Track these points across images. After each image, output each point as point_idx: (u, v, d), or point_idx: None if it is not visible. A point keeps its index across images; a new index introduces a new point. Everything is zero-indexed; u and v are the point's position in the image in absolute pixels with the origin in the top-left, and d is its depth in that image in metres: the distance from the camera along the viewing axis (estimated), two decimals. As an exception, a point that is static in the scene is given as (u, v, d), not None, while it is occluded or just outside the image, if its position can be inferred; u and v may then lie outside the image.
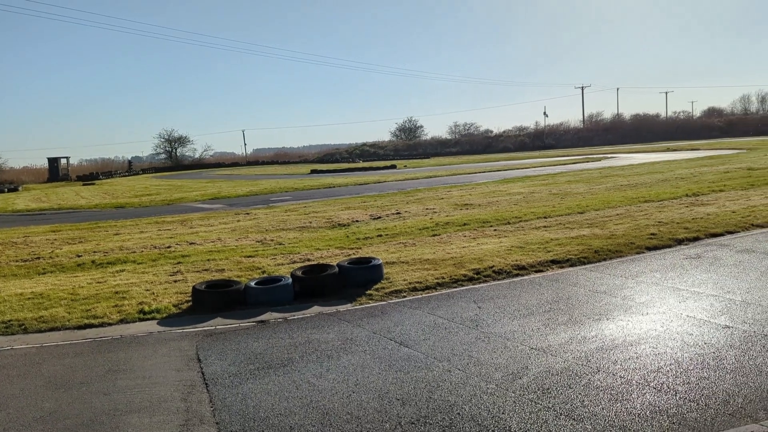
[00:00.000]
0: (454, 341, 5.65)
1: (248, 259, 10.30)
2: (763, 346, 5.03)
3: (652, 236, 9.96)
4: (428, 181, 29.31)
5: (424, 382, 4.69)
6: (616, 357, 5.00)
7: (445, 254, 9.66)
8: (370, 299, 7.41)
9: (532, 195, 18.36)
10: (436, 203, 17.77)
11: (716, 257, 8.42)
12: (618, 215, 12.67)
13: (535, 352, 5.24)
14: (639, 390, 4.32)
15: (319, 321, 6.66)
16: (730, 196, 14.73)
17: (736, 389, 4.25)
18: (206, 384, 4.98)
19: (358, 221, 14.70)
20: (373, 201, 20.04)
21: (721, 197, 14.54)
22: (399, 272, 8.58)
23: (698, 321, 5.79)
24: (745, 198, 14.09)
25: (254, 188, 31.02)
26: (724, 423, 3.78)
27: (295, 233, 13.33)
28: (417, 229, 12.75)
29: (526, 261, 8.77)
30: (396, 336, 5.92)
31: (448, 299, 7.21)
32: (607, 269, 8.21)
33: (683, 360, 4.85)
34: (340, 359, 5.36)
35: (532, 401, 4.24)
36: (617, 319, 6.00)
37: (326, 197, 23.25)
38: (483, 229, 12.18)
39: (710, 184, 17.83)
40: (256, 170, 72.56)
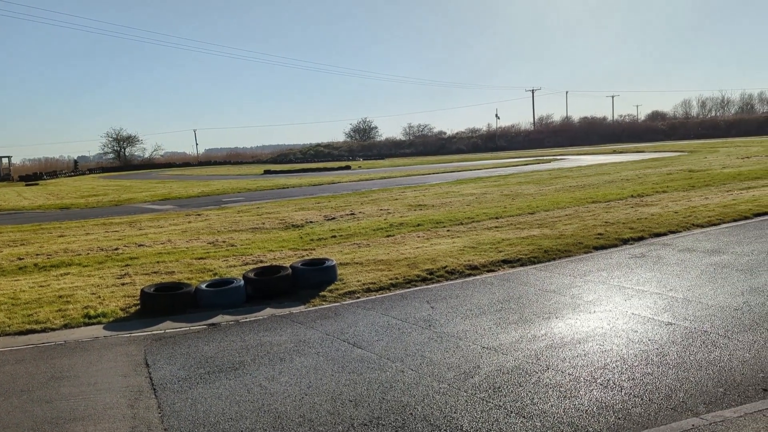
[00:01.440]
0: (408, 341, 5.68)
1: (199, 261, 10.10)
2: (703, 342, 5.23)
3: (599, 236, 10.23)
4: (383, 182, 29.38)
5: (377, 383, 4.69)
6: (564, 355, 5.11)
7: (399, 255, 9.69)
8: (324, 301, 7.38)
9: (485, 196, 18.62)
10: (391, 204, 17.83)
11: (659, 256, 8.72)
12: (567, 216, 12.97)
13: (486, 351, 5.31)
14: (586, 387, 4.43)
15: (271, 323, 6.59)
16: (673, 197, 15.28)
17: (678, 384, 4.40)
18: (154, 389, 4.86)
19: (312, 222, 14.62)
20: (327, 202, 19.96)
21: (664, 198, 15.06)
22: (353, 273, 8.56)
23: (643, 318, 5.97)
24: (686, 199, 14.63)
25: (206, 189, 30.48)
26: (667, 417, 3.91)
27: (247, 234, 13.15)
28: (371, 229, 12.76)
29: (479, 261, 8.88)
30: (349, 337, 5.91)
31: (402, 300, 7.24)
32: (556, 268, 8.39)
33: (628, 357, 4.99)
34: (293, 361, 5.31)
35: (484, 400, 4.29)
36: (566, 318, 6.14)
37: (280, 198, 23.03)
38: (436, 229, 12.28)
39: (654, 185, 18.45)
40: (209, 170, 71.32)
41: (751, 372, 4.53)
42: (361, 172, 42.52)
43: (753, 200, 13.52)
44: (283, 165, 71.95)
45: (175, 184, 38.95)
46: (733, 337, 5.29)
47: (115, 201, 25.98)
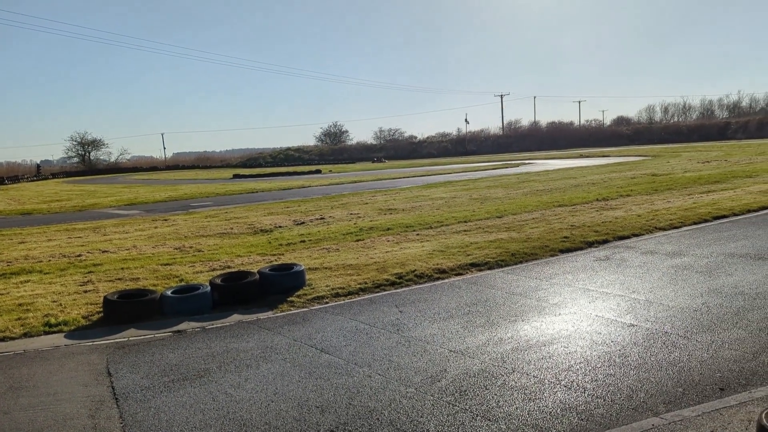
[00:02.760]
0: (376, 346, 5.68)
1: (165, 267, 9.95)
2: (663, 342, 5.35)
3: (565, 239, 10.39)
4: (353, 186, 29.36)
5: (344, 389, 4.68)
6: (530, 357, 5.17)
7: (368, 259, 9.69)
8: (292, 306, 7.34)
9: (454, 200, 18.75)
10: (361, 208, 17.83)
11: (623, 259, 8.89)
12: (534, 219, 13.14)
13: (453, 354, 5.34)
14: (551, 389, 4.49)
15: (238, 329, 6.52)
16: (636, 200, 15.60)
17: (639, 385, 4.49)
18: (116, 399, 4.77)
19: (281, 227, 14.53)
20: (296, 206, 19.87)
21: (628, 202, 15.37)
22: (322, 278, 8.54)
23: (606, 320, 6.08)
24: (649, 202, 14.96)
25: (173, 193, 30.08)
26: (628, 417, 3.99)
27: (215, 240, 13.01)
28: (341, 234, 12.74)
29: (447, 265, 8.93)
30: (317, 343, 5.88)
31: (371, 304, 7.24)
32: (523, 271, 8.49)
33: (592, 358, 5.08)
34: (259, 368, 5.27)
35: (450, 404, 4.32)
36: (532, 320, 6.21)
37: (249, 202, 22.85)
38: (406, 233, 12.32)
39: (618, 189, 18.81)
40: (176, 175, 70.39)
41: (709, 372, 4.65)
42: (331, 176, 42.44)
43: (712, 203, 13.89)
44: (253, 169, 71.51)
45: (142, 188, 38.33)
46: (692, 337, 5.42)
47: (79, 206, 25.43)
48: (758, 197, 14.58)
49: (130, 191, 35.46)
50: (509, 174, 32.04)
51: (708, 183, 19.10)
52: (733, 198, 14.76)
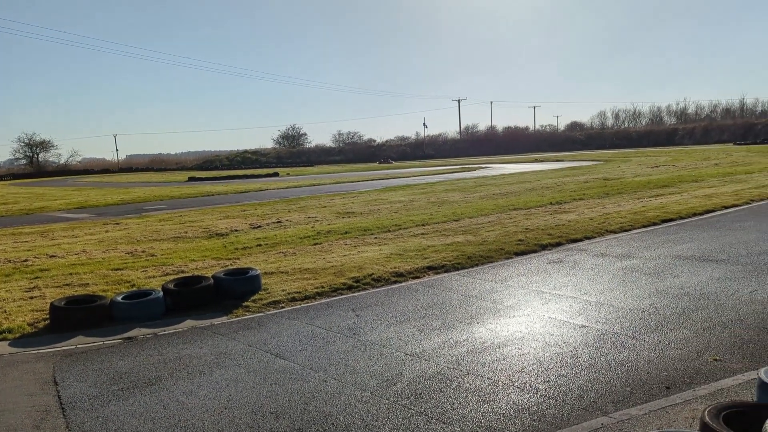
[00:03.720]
0: (331, 351, 5.65)
1: (116, 272, 9.70)
2: (613, 343, 5.48)
3: (520, 242, 10.56)
4: (311, 189, 29.22)
5: (299, 394, 4.64)
6: (484, 359, 5.23)
7: (325, 263, 9.65)
8: (247, 311, 7.24)
9: (412, 203, 18.85)
10: (319, 211, 17.75)
11: (575, 261, 9.09)
12: (490, 222, 13.31)
13: (409, 358, 5.36)
14: (504, 390, 4.55)
15: (191, 335, 6.40)
16: (589, 204, 15.99)
17: (589, 385, 4.59)
18: (63, 408, 4.61)
19: (237, 230, 14.34)
20: (253, 209, 19.64)
21: (581, 205, 15.73)
22: (278, 282, 8.46)
23: (559, 322, 6.20)
24: (601, 206, 15.34)
25: (126, 196, 29.35)
26: (579, 417, 4.07)
27: (169, 244, 12.74)
28: (298, 237, 12.65)
29: (405, 268, 8.96)
30: (272, 348, 5.82)
31: (327, 308, 7.20)
32: (479, 274, 8.59)
33: (545, 359, 5.17)
34: (213, 374, 5.17)
35: (405, 407, 4.33)
36: (487, 323, 6.29)
37: (204, 206, 22.48)
38: (364, 237, 12.31)
39: (572, 193, 19.24)
40: (130, 177, 68.79)
41: (656, 371, 4.79)
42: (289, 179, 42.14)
43: (661, 207, 14.35)
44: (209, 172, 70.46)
45: (93, 191, 37.29)
46: (641, 338, 5.58)
47: (26, 209, 24.56)
48: (703, 201, 15.13)
49: (80, 194, 34.45)
50: (467, 178, 32.40)
51: (657, 187, 19.72)
52: (680, 202, 15.27)
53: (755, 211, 13.54)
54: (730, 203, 14.61)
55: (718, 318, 6.02)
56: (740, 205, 14.45)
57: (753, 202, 14.83)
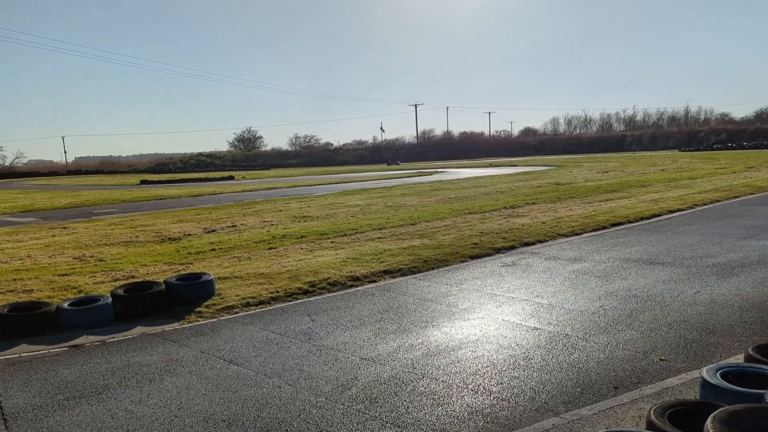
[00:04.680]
0: (286, 356, 5.60)
1: (63, 278, 9.38)
2: (564, 345, 5.60)
3: (474, 246, 10.68)
4: (267, 193, 28.93)
5: (252, 401, 4.58)
6: (439, 362, 5.27)
7: (281, 267, 9.56)
8: (200, 317, 7.10)
9: (369, 207, 18.85)
10: (274, 215, 17.57)
11: (528, 264, 9.25)
12: (445, 226, 13.43)
13: (365, 362, 5.35)
14: (458, 393, 4.59)
15: (141, 342, 6.24)
16: (541, 208, 16.31)
17: (541, 386, 4.67)
18: (5, 419, 4.43)
19: (191, 235, 14.07)
20: (207, 213, 19.32)
21: (534, 209, 16.04)
22: (232, 287, 8.33)
23: (512, 324, 6.29)
24: (553, 210, 15.67)
25: (75, 200, 28.46)
26: (531, 419, 4.14)
27: (119, 248, 12.40)
28: (253, 242, 12.49)
29: (361, 272, 8.95)
30: (225, 354, 5.72)
31: (282, 313, 7.13)
32: (434, 278, 8.65)
33: (498, 361, 5.24)
34: (163, 382, 5.05)
35: (360, 412, 4.32)
36: (442, 326, 6.33)
37: (156, 209, 21.99)
38: (320, 241, 12.25)
39: (525, 197, 19.59)
40: (79, 180, 66.78)
41: (605, 371, 4.91)
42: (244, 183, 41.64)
43: (610, 211, 14.75)
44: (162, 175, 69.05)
45: (40, 194, 36.02)
46: (590, 339, 5.72)
47: (-34, 213, 23.53)
48: (650, 205, 15.63)
49: (26, 197, 33.23)
50: (423, 182, 32.64)
51: (606, 192, 20.27)
52: (629, 206, 15.74)
53: (699, 215, 14.06)
54: (676, 208, 15.15)
55: (663, 319, 6.22)
56: (685, 209, 14.99)
57: (697, 207, 15.41)
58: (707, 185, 21.17)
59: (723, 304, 6.68)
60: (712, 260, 8.92)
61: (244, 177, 53.74)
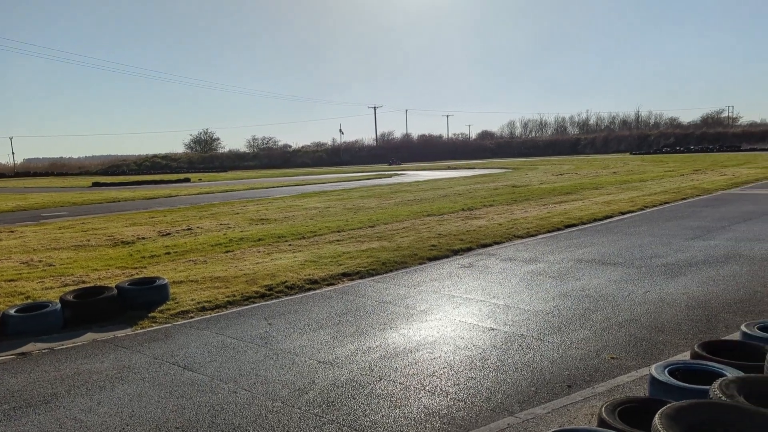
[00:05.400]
0: (242, 361, 5.53)
1: (9, 284, 9.04)
2: (519, 345, 5.69)
3: (432, 247, 10.76)
4: (224, 195, 28.53)
5: (207, 407, 4.50)
6: (397, 364, 5.29)
7: (237, 271, 9.44)
8: (154, 322, 6.95)
9: (328, 210, 18.79)
10: (231, 218, 17.34)
11: (485, 266, 9.37)
12: (404, 228, 13.49)
13: (322, 365, 5.33)
14: (416, 395, 4.61)
15: (92, 349, 6.07)
16: (498, 210, 16.55)
17: (497, 386, 4.73)
18: (-56, 434, 4.24)
19: (145, 238, 13.76)
20: (162, 216, 18.92)
21: (491, 211, 16.26)
22: (187, 292, 8.18)
23: (469, 325, 6.36)
24: (509, 212, 15.92)
25: (22, 203, 27.49)
26: (486, 419, 4.19)
27: (69, 253, 12.03)
28: (209, 245, 12.30)
29: (319, 275, 8.91)
30: (180, 360, 5.61)
31: (239, 317, 7.04)
32: (393, 280, 8.68)
33: (455, 362, 5.29)
34: (114, 390, 4.93)
35: (317, 415, 4.29)
36: (400, 328, 6.36)
37: (109, 212, 21.42)
38: (278, 244, 12.15)
39: (482, 199, 19.84)
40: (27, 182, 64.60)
41: (559, 370, 5.01)
42: (201, 185, 40.97)
43: (564, 213, 15.08)
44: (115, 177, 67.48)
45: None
46: (545, 339, 5.82)
47: None
48: (603, 207, 16.04)
49: (-31, 200, 31.92)
50: (382, 184, 32.70)
51: (561, 194, 20.70)
52: (582, 208, 16.11)
53: (648, 216, 14.50)
54: (627, 209, 15.58)
55: (615, 318, 6.39)
56: (635, 211, 15.44)
57: (647, 209, 15.88)
58: (657, 187, 21.84)
59: (671, 303, 6.89)
60: (661, 260, 9.21)
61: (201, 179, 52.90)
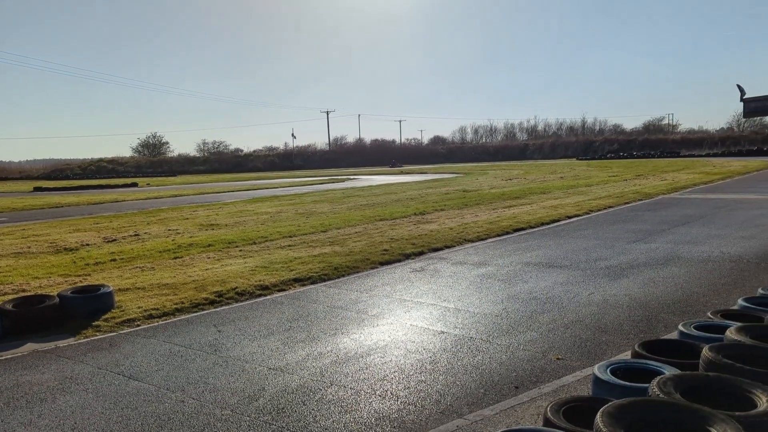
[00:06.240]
0: (191, 369, 5.43)
1: (-59, 294, 8.63)
2: (469, 347, 5.78)
3: (385, 252, 10.82)
4: (173, 200, 27.94)
5: (153, 417, 4.41)
6: (348, 369, 5.29)
7: (186, 277, 9.27)
8: (98, 331, 6.76)
9: (279, 215, 18.64)
10: (180, 224, 17.00)
11: (436, 269, 9.48)
12: (357, 233, 13.51)
13: (272, 372, 5.29)
14: (366, 399, 4.63)
15: (32, 360, 5.85)
16: (449, 214, 16.76)
17: (446, 389, 4.80)
18: None
19: (89, 244, 13.35)
20: (108, 222, 18.40)
21: (442, 216, 16.45)
22: (133, 299, 7.99)
23: (419, 329, 6.42)
24: (460, 216, 16.15)
25: (-44, 208, 26.24)
26: (436, 421, 4.24)
27: (8, 260, 11.57)
28: (157, 251, 12.03)
29: (270, 281, 8.84)
30: (125, 369, 5.48)
31: (188, 325, 6.92)
32: (344, 285, 8.68)
33: (406, 366, 5.33)
34: (56, 401, 4.77)
35: (267, 423, 4.26)
36: (351, 333, 6.37)
37: (52, 218, 20.69)
38: (228, 249, 11.98)
39: (434, 204, 20.06)
40: (-39, 186, 61.60)
41: (507, 372, 5.12)
42: (149, 190, 40.01)
43: (513, 217, 15.39)
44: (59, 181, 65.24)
45: None
46: (494, 341, 5.94)
47: None
48: (550, 211, 16.44)
49: None
50: (335, 189, 32.65)
51: (510, 198, 21.12)
52: (530, 212, 16.48)
53: (593, 220, 14.95)
54: (573, 213, 16.02)
55: (561, 320, 6.56)
56: (581, 215, 15.88)
57: (592, 213, 16.37)
58: (601, 192, 22.52)
59: (614, 304, 7.13)
60: (605, 263, 9.51)
61: (149, 184, 51.65)
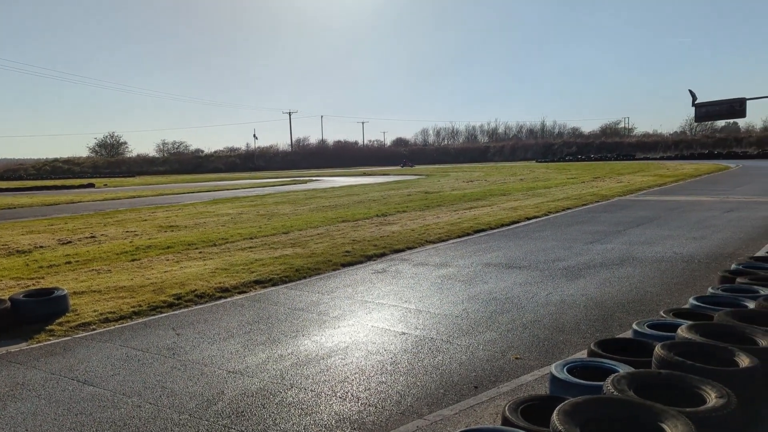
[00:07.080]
0: (148, 373, 5.34)
1: None
2: (429, 348, 5.83)
3: (346, 253, 10.81)
4: (131, 202, 27.37)
5: (109, 423, 4.32)
6: (309, 371, 5.28)
7: (144, 280, 9.10)
8: (51, 335, 6.58)
9: (240, 216, 18.44)
10: (138, 225, 16.67)
11: (398, 271, 9.52)
12: (319, 235, 13.47)
13: (232, 375, 5.24)
14: (327, 401, 4.63)
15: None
16: (411, 216, 16.85)
17: (407, 390, 4.83)
18: None
19: (43, 247, 12.97)
20: (63, 224, 17.90)
21: (404, 217, 16.54)
22: (89, 303, 7.80)
23: (381, 330, 6.45)
24: (421, 218, 16.26)
25: None
26: (396, 422, 4.27)
27: (-45, 263, 11.15)
28: (114, 253, 11.77)
29: (230, 283, 8.75)
30: (79, 375, 5.35)
31: (145, 328, 6.79)
32: (306, 287, 8.65)
33: (367, 368, 5.34)
34: (6, 409, 4.62)
35: (226, 426, 4.22)
36: (312, 335, 6.35)
37: (3, 220, 20.04)
38: (188, 251, 11.80)
39: (396, 205, 20.14)
40: None
41: (466, 372, 5.18)
42: (106, 191, 39.12)
43: (474, 219, 15.57)
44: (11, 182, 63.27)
45: None
46: (454, 341, 6.00)
47: None
48: (510, 213, 16.69)
49: None
50: (297, 190, 32.47)
51: (471, 200, 21.36)
52: (491, 214, 16.70)
53: (552, 222, 15.24)
54: (532, 215, 16.30)
55: (519, 320, 6.67)
56: (540, 216, 16.18)
57: (551, 214, 16.68)
58: (560, 194, 22.97)
59: (571, 304, 7.29)
60: (563, 263, 9.70)
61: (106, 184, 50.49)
